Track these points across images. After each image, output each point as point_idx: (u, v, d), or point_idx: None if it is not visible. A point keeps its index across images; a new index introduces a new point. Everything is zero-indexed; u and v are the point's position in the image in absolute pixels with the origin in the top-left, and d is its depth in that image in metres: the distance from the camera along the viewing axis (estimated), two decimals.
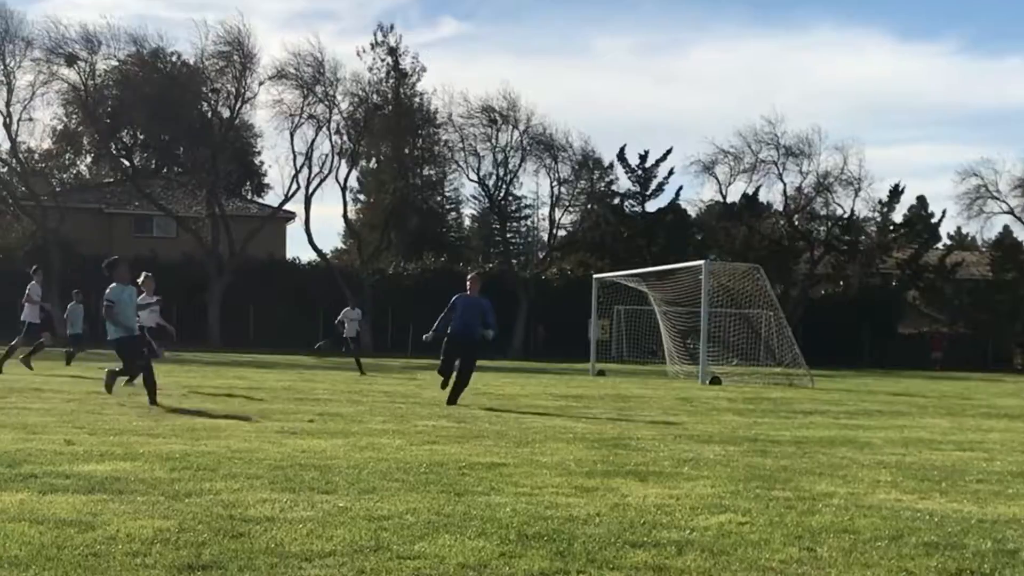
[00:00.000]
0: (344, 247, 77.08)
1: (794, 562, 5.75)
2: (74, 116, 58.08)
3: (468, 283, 17.92)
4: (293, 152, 55.62)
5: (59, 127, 59.69)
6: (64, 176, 66.58)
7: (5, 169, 56.87)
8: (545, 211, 68.30)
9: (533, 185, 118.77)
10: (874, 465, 10.35)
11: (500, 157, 59.42)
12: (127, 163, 59.99)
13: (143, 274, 19.92)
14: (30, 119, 54.34)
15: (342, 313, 30.20)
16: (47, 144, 62.55)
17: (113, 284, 15.34)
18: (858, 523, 6.96)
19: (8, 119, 52.21)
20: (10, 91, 51.86)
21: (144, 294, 19.25)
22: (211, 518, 6.40)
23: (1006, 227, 71.87)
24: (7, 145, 54.66)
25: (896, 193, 64.12)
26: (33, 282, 25.39)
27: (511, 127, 58.51)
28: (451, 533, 6.22)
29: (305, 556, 5.51)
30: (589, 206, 62.50)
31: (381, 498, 7.38)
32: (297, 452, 9.87)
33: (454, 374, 17.40)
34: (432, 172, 65.13)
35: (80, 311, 27.89)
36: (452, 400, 16.93)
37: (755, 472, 9.45)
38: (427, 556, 5.60)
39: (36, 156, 61.99)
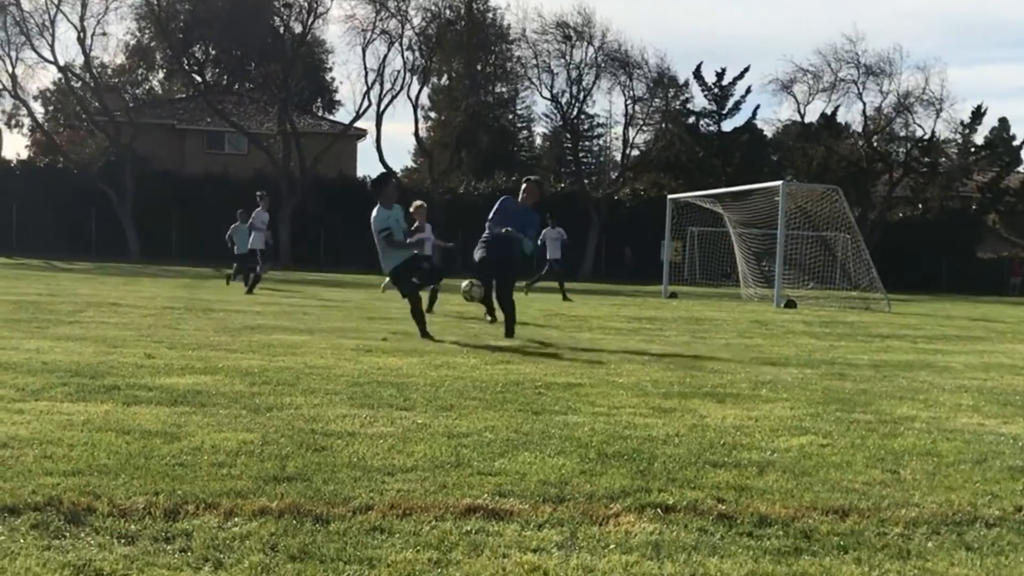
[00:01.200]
0: (415, 165, 77.16)
1: (877, 484, 5.69)
2: (147, 31, 58.41)
3: (523, 190, 15.33)
4: (365, 68, 55.83)
5: (132, 42, 60.23)
6: (137, 92, 67.16)
7: (79, 84, 57.43)
8: (618, 130, 67.64)
9: (606, 103, 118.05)
10: (955, 389, 10.20)
11: (574, 74, 58.89)
12: (199, 79, 60.33)
13: (416, 203, 18.93)
14: (104, 34, 55.39)
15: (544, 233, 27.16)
16: (120, 59, 63.17)
17: (379, 206, 13.96)
18: (941, 447, 6.87)
19: (82, 33, 52.62)
20: (84, 5, 52.22)
21: (417, 223, 17.63)
22: (293, 431, 6.47)
23: None
24: (81, 60, 55.21)
25: (978, 114, 62.75)
26: (259, 208, 25.45)
27: (585, 43, 57.91)
28: (530, 451, 6.23)
29: (387, 470, 5.55)
30: (663, 125, 61.82)
31: (459, 415, 7.41)
32: (373, 369, 9.93)
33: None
34: (504, 89, 64.77)
35: (244, 231, 27.69)
36: (508, 333, 14.13)
37: (834, 395, 9.35)
38: (508, 473, 5.62)
39: (109, 71, 62.57)
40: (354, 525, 4.52)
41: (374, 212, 13.87)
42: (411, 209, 17.74)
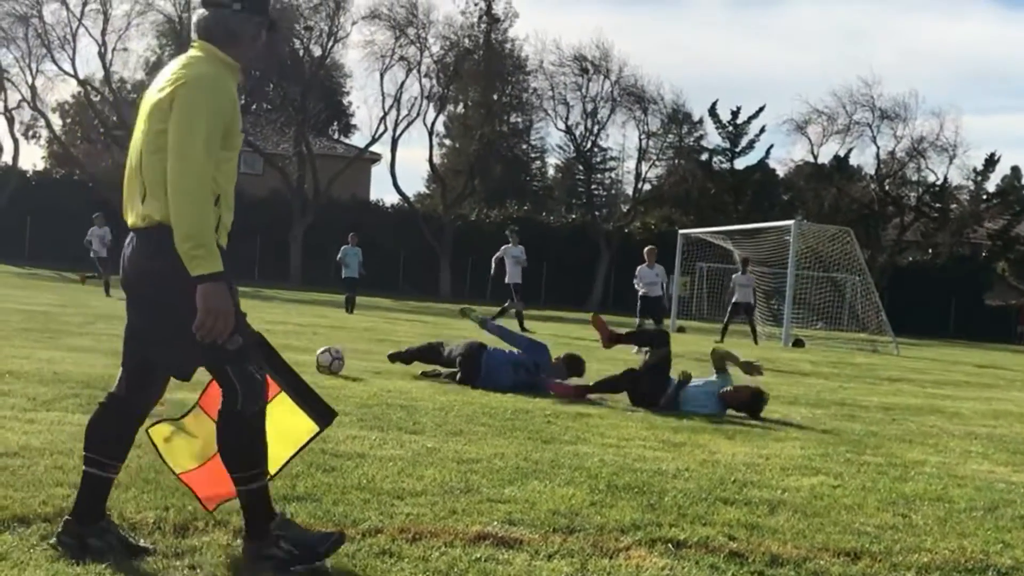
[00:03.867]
0: (427, 191, 77.22)
1: (889, 528, 5.66)
2: (167, 48, 58.60)
3: None
4: (382, 93, 55.82)
5: (152, 58, 60.30)
6: None
7: (98, 98, 57.67)
8: (631, 164, 67.83)
9: (620, 137, 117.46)
10: (964, 435, 10.16)
11: (589, 107, 59.08)
12: None
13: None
14: (124, 49, 55.30)
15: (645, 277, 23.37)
16: (140, 75, 63.26)
17: None
18: (952, 492, 6.84)
19: (103, 48, 52.91)
20: (106, 20, 52.54)
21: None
22: (304, 452, 6.43)
23: None
24: (101, 74, 55.46)
25: (991, 162, 62.71)
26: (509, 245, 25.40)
27: (602, 77, 58.12)
28: (540, 480, 6.21)
29: (397, 494, 5.53)
30: (676, 161, 61.97)
31: (469, 441, 7.39)
32: (383, 392, 9.92)
33: None
34: (519, 119, 64.99)
35: (357, 253, 27.94)
36: None
37: (844, 436, 9.32)
38: (517, 501, 5.60)
39: (129, 86, 62.75)
40: (363, 548, 4.50)
41: None
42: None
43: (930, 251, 62.08)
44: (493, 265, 25.62)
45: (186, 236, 3.98)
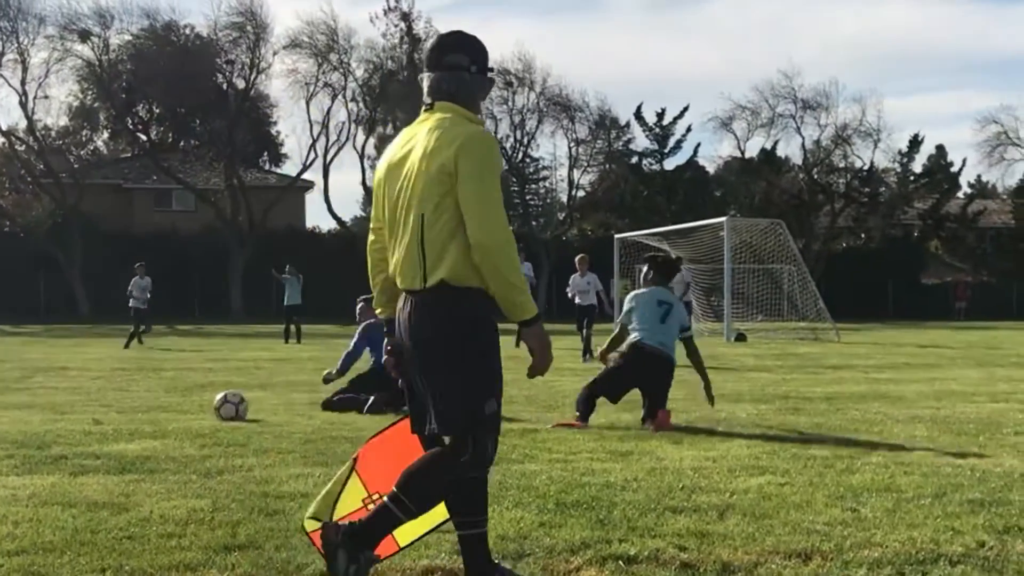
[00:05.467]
0: (364, 214, 76.92)
1: (838, 524, 5.65)
2: (89, 92, 57.92)
3: None
4: (310, 121, 55.59)
5: (75, 104, 59.52)
6: (82, 152, 66.33)
7: (23, 147, 56.87)
8: (563, 172, 68.04)
9: (550, 146, 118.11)
10: (909, 420, 10.23)
11: (517, 119, 59.21)
12: (144, 137, 59.87)
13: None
14: (46, 96, 54.47)
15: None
16: (63, 121, 62.45)
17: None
18: (899, 481, 6.86)
19: (24, 97, 52.21)
20: (25, 69, 51.83)
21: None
22: (244, 496, 6.34)
23: None
24: (24, 123, 54.70)
25: (915, 143, 63.53)
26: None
27: (527, 89, 58.31)
28: (488, 504, 6.12)
29: None
30: (607, 166, 62.24)
31: None
32: (327, 424, 9.82)
33: None
34: None
35: (298, 281, 28.32)
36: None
37: (790, 430, 9.35)
38: None
39: (53, 133, 61.87)
40: None
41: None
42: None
43: (863, 236, 62.82)
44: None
45: (511, 286, 4.21)
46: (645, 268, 11.00)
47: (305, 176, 58.72)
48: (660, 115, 61.05)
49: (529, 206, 69.71)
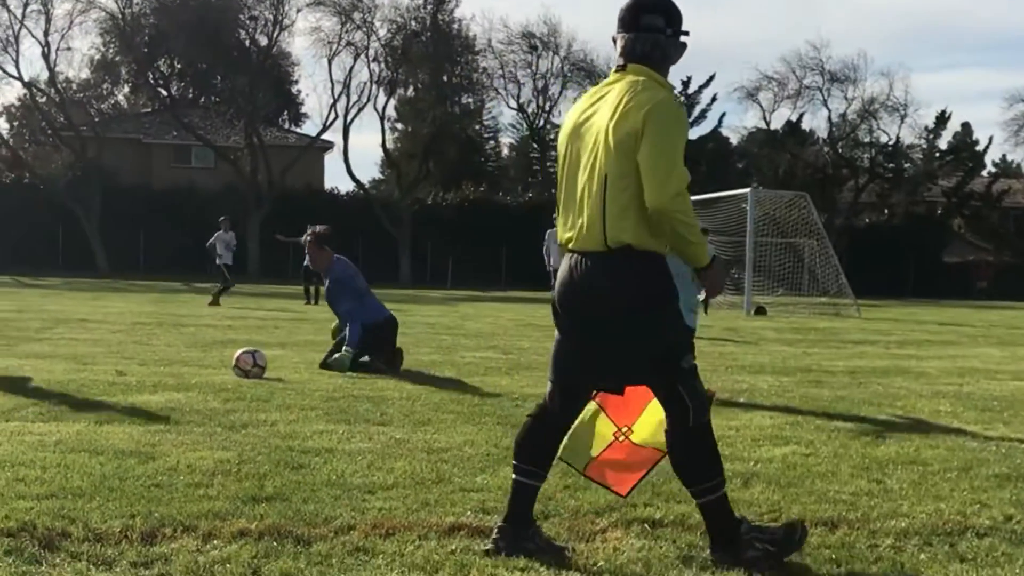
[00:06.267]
0: (382, 177, 76.84)
1: (864, 494, 5.64)
2: (111, 45, 57.83)
3: None
4: (331, 81, 55.37)
5: (97, 57, 59.53)
6: (102, 106, 66.49)
7: (44, 99, 56.94)
8: None
9: None
10: (932, 395, 10.19)
11: (540, 84, 58.96)
12: (165, 92, 59.84)
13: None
14: (68, 49, 54.77)
15: None
16: (85, 74, 62.55)
17: None
18: (924, 454, 6.83)
19: (46, 49, 52.15)
20: (48, 20, 51.71)
21: None
22: (270, 449, 6.35)
23: None
24: (46, 75, 54.72)
25: (942, 120, 63.10)
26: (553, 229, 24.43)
27: (551, 53, 58.02)
28: (511, 466, 6.12)
29: (368, 488, 5.45)
30: None
31: (437, 430, 7.32)
32: (348, 383, 9.82)
33: None
34: (471, 100, 64.60)
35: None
36: None
37: (813, 403, 9.32)
38: (490, 488, 5.53)
39: (74, 86, 62.00)
40: (337, 546, 4.42)
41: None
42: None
43: (886, 211, 62.47)
44: (546, 258, 24.15)
45: (688, 243, 4.26)
46: None
47: (325, 136, 58.64)
48: (685, 83, 60.70)
49: (550, 173, 69.41)
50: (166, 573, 4.02)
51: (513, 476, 4.60)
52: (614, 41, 4.48)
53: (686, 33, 4.48)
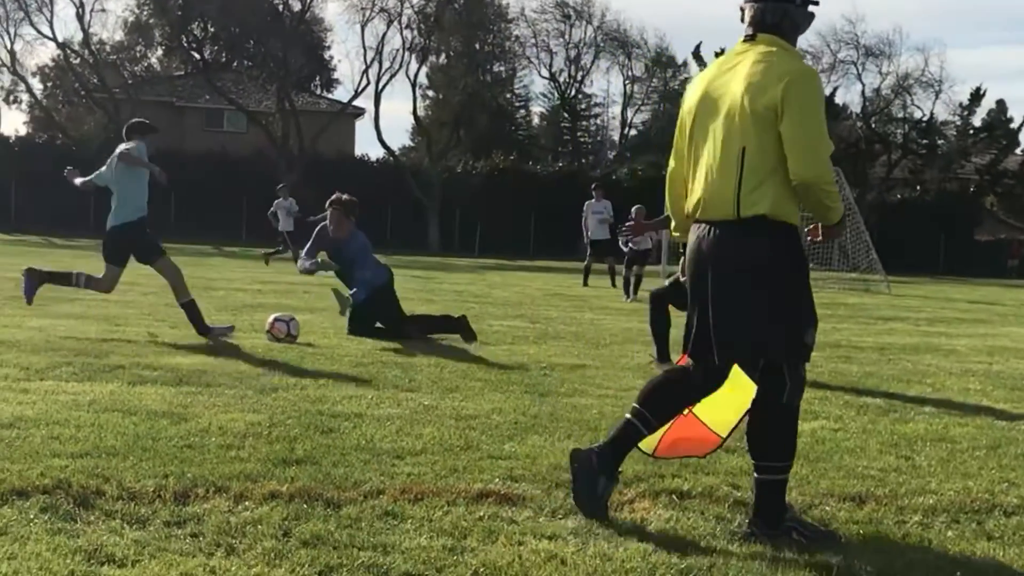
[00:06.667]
0: (412, 144, 76.88)
1: (893, 471, 5.64)
2: (146, 8, 58.08)
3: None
4: (363, 47, 55.45)
5: (131, 19, 59.79)
6: (135, 69, 66.70)
7: (78, 61, 57.17)
8: (616, 110, 67.65)
9: (604, 83, 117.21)
10: (962, 373, 10.16)
11: (572, 54, 58.84)
12: (198, 56, 59.96)
13: None
14: (102, 10, 54.94)
15: None
16: (119, 36, 62.78)
17: None
18: (953, 432, 6.83)
19: (81, 10, 52.37)
20: None
21: None
22: (300, 413, 6.41)
23: None
24: (79, 36, 54.96)
25: (977, 97, 62.45)
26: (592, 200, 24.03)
27: (585, 22, 57.85)
28: (540, 434, 6.18)
29: (396, 453, 5.49)
30: (662, 105, 61.71)
31: (465, 397, 7.35)
32: (376, 349, 9.87)
33: None
34: (502, 68, 64.56)
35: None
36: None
37: (841, 378, 9.30)
38: (518, 456, 5.56)
39: (108, 48, 62.20)
40: (366, 510, 4.46)
41: None
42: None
43: (918, 188, 61.96)
44: (585, 231, 24.05)
45: (829, 209, 4.45)
46: None
47: (356, 103, 58.67)
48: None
49: (580, 143, 69.38)
50: (198, 533, 4.07)
51: (627, 416, 4.65)
52: (742, 11, 4.49)
53: (815, 3, 4.48)
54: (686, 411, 4.80)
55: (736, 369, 4.56)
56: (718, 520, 4.59)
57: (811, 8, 4.47)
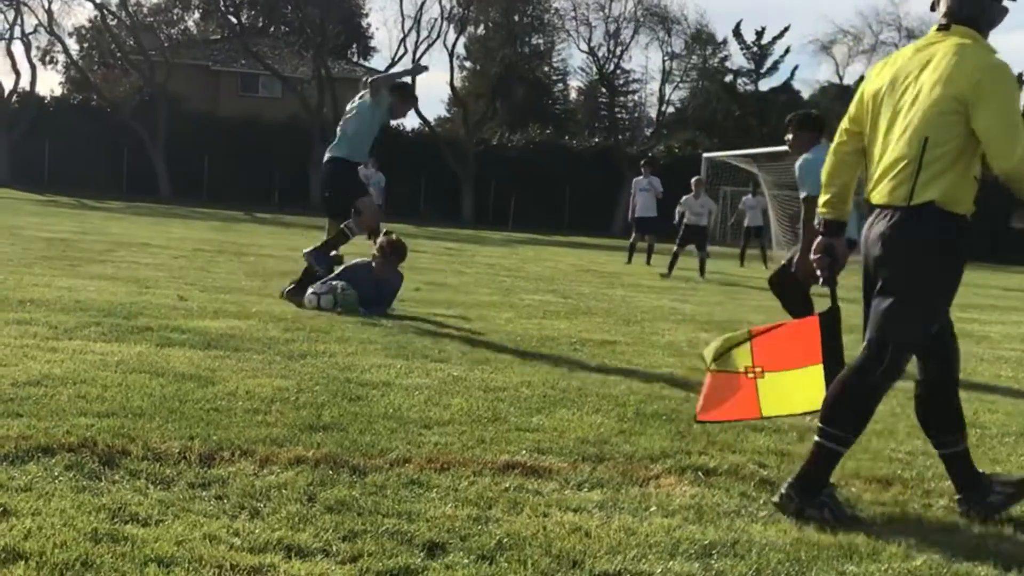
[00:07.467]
0: (448, 115, 76.78)
1: (920, 454, 5.60)
2: None
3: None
4: (402, 15, 55.96)
5: None
6: (172, 32, 66.83)
7: (115, 22, 57.32)
8: (654, 86, 67.36)
9: (643, 59, 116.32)
10: (994, 360, 10.07)
11: (612, 28, 58.45)
12: (235, 20, 60.07)
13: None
14: None
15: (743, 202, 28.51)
16: None
17: None
18: (983, 418, 6.77)
19: None
20: None
21: None
22: (328, 380, 6.41)
23: None
24: None
25: (1019, 81, 61.77)
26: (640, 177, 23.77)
27: None
28: (568, 408, 6.15)
29: (424, 423, 5.48)
30: (700, 83, 61.34)
31: (495, 369, 7.33)
32: (407, 320, 9.86)
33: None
34: (541, 41, 64.30)
35: (380, 180, 27.63)
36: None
37: None
38: (545, 429, 5.55)
39: (145, 10, 62.35)
40: (391, 478, 4.46)
41: None
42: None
43: None
44: (631, 211, 24.03)
45: None
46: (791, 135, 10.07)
47: None
48: (759, 34, 59.89)
49: (617, 118, 69.02)
50: (223, 495, 4.07)
51: (816, 439, 4.53)
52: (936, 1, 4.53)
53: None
54: (751, 375, 4.81)
55: (816, 376, 4.65)
56: (743, 498, 4.57)
57: (1006, 3, 4.51)
